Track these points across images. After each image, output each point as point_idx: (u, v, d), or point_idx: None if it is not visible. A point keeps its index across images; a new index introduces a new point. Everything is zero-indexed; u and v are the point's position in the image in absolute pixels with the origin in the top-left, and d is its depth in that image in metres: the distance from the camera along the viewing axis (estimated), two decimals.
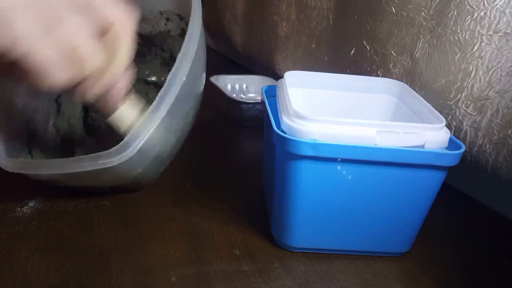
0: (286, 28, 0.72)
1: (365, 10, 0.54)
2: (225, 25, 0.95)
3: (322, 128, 0.32)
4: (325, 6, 0.62)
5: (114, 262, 0.36)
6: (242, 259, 0.37)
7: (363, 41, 0.54)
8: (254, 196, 0.47)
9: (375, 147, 0.32)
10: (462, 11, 0.42)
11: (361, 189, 0.35)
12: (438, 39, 0.45)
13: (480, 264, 0.39)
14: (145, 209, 0.43)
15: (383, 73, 0.52)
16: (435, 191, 0.35)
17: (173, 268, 0.35)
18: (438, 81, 0.45)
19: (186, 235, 0.40)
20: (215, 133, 0.63)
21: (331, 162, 0.33)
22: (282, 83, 0.41)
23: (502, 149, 0.41)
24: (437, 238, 0.42)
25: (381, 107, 0.45)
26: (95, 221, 0.41)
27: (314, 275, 0.36)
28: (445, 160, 0.33)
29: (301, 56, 0.69)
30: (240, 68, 0.97)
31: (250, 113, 0.64)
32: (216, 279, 0.34)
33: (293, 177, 0.34)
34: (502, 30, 0.39)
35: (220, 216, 0.43)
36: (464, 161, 0.41)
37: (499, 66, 0.40)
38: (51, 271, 0.34)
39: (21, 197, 0.43)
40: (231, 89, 0.74)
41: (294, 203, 0.35)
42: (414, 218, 0.37)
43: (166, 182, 0.48)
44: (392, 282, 0.36)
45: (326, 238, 0.37)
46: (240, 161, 0.55)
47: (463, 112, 0.43)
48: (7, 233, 0.38)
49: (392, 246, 0.38)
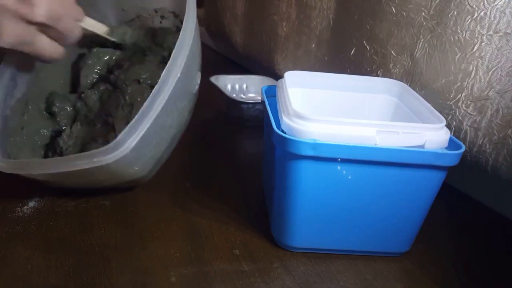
0: (286, 28, 0.72)
1: (365, 10, 0.54)
2: (225, 25, 0.95)
3: (322, 128, 0.32)
4: (325, 6, 0.62)
5: (114, 262, 0.36)
6: (242, 259, 0.37)
7: (363, 41, 0.54)
8: (254, 196, 0.47)
9: (375, 147, 0.32)
10: (462, 11, 0.42)
11: (361, 189, 0.35)
12: (438, 39, 0.45)
13: (480, 264, 0.39)
14: (145, 209, 0.43)
15: (383, 73, 0.52)
16: (435, 191, 0.35)
17: (173, 268, 0.35)
18: (438, 81, 0.45)
19: (186, 235, 0.40)
20: (215, 133, 0.63)
21: (331, 162, 0.33)
22: (282, 83, 0.41)
23: (502, 149, 0.41)
24: (437, 238, 0.42)
25: (381, 107, 0.45)
26: (95, 221, 0.41)
27: (314, 275, 0.36)
28: (445, 160, 0.33)
29: (301, 56, 0.69)
30: (240, 68, 0.97)
31: (250, 113, 0.64)
32: (216, 279, 0.34)
33: (293, 177, 0.34)
34: (502, 30, 0.39)
35: (220, 216, 0.43)
36: (464, 161, 0.41)
37: (499, 66, 0.40)
38: (51, 271, 0.34)
39: (21, 197, 0.43)
40: (231, 89, 0.74)
41: (294, 203, 0.35)
42: (414, 218, 0.37)
43: (166, 182, 0.48)
44: (392, 282, 0.36)
45: (326, 238, 0.37)
46: (240, 161, 0.55)
47: (463, 112, 0.43)
48: (7, 233, 0.38)
49: (392, 246, 0.38)
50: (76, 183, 0.42)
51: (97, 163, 0.34)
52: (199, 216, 0.42)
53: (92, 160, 0.34)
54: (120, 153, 0.35)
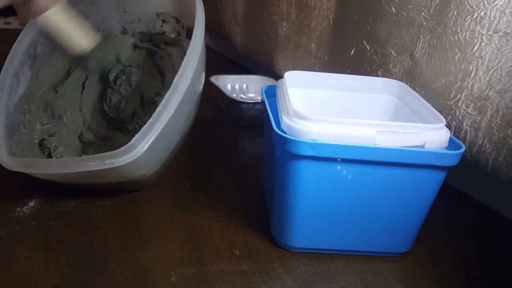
0: (286, 28, 0.72)
1: (365, 10, 0.54)
2: (225, 25, 0.95)
3: (322, 128, 0.32)
4: (325, 6, 0.62)
5: (114, 262, 0.36)
6: (242, 259, 0.37)
7: (363, 41, 0.54)
8: (254, 196, 0.47)
9: (375, 147, 0.32)
10: (462, 11, 0.42)
11: (361, 189, 0.35)
12: (438, 39, 0.45)
13: (480, 264, 0.39)
14: (145, 209, 0.43)
15: (383, 73, 0.52)
16: (435, 191, 0.35)
17: (173, 268, 0.35)
18: (438, 81, 0.45)
19: (186, 235, 0.40)
20: (215, 133, 0.63)
21: (331, 162, 0.33)
22: (282, 83, 0.41)
23: (502, 149, 0.41)
24: (437, 238, 0.42)
25: (381, 107, 0.45)
26: (95, 221, 0.41)
27: (314, 275, 0.36)
28: (445, 160, 0.33)
29: (301, 56, 0.69)
30: (240, 68, 0.97)
31: (250, 113, 0.64)
32: (216, 279, 0.34)
33: (293, 177, 0.34)
34: (502, 30, 0.39)
35: (220, 216, 0.43)
36: (464, 161, 0.41)
37: (499, 66, 0.40)
38: (51, 271, 0.34)
39: (21, 197, 0.43)
40: (231, 89, 0.74)
41: (294, 203, 0.35)
42: (414, 218, 0.37)
43: (166, 182, 0.48)
44: (392, 282, 0.36)
45: (326, 238, 0.37)
46: (240, 161, 0.55)
47: (463, 112, 0.43)
48: (7, 233, 0.38)
49: (392, 246, 0.38)
50: (81, 182, 0.42)
51: (108, 165, 0.35)
52: (199, 216, 0.42)
53: (104, 162, 0.35)
54: (132, 156, 0.35)
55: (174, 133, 0.41)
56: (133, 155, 0.35)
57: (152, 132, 0.36)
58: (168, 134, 0.38)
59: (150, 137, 0.36)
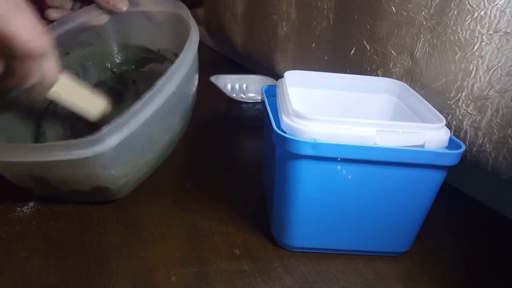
0: (286, 28, 0.72)
1: (365, 9, 0.54)
2: (225, 25, 0.95)
3: (322, 128, 0.32)
4: (325, 6, 0.62)
5: (114, 262, 0.36)
6: (242, 258, 0.37)
7: (363, 40, 0.54)
8: (254, 196, 0.47)
9: (375, 147, 0.32)
10: (462, 10, 0.42)
11: (361, 188, 0.35)
12: (438, 38, 0.45)
13: (480, 264, 0.39)
14: (145, 209, 0.43)
15: (383, 73, 0.52)
16: (435, 191, 0.35)
17: (173, 268, 0.35)
18: (438, 81, 0.45)
19: (186, 235, 0.40)
20: (215, 133, 0.63)
21: (331, 162, 0.33)
22: (282, 82, 0.41)
23: (502, 148, 0.41)
24: (437, 238, 0.42)
25: (381, 107, 0.45)
26: (95, 221, 0.41)
27: (314, 275, 0.36)
28: (445, 160, 0.33)
29: (301, 56, 0.69)
30: (240, 68, 0.97)
31: (250, 113, 0.64)
32: (216, 279, 0.34)
33: (293, 177, 0.34)
34: (502, 29, 0.39)
35: (220, 216, 0.43)
36: (464, 161, 0.41)
37: (499, 66, 0.40)
38: (51, 271, 0.34)
39: (21, 197, 0.43)
40: (231, 89, 0.74)
41: (294, 203, 0.35)
42: (414, 217, 0.37)
43: (166, 182, 0.48)
44: (392, 282, 0.36)
45: (326, 237, 0.37)
46: (240, 161, 0.55)
47: (463, 111, 0.43)
48: (7, 233, 0.38)
49: (392, 245, 0.38)
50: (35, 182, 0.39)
51: (75, 156, 0.32)
52: (199, 216, 0.42)
53: (69, 152, 0.32)
54: (100, 148, 0.33)
55: (152, 141, 0.38)
56: (101, 147, 0.32)
57: (125, 128, 0.33)
58: (145, 138, 0.37)
59: (122, 134, 0.33)
